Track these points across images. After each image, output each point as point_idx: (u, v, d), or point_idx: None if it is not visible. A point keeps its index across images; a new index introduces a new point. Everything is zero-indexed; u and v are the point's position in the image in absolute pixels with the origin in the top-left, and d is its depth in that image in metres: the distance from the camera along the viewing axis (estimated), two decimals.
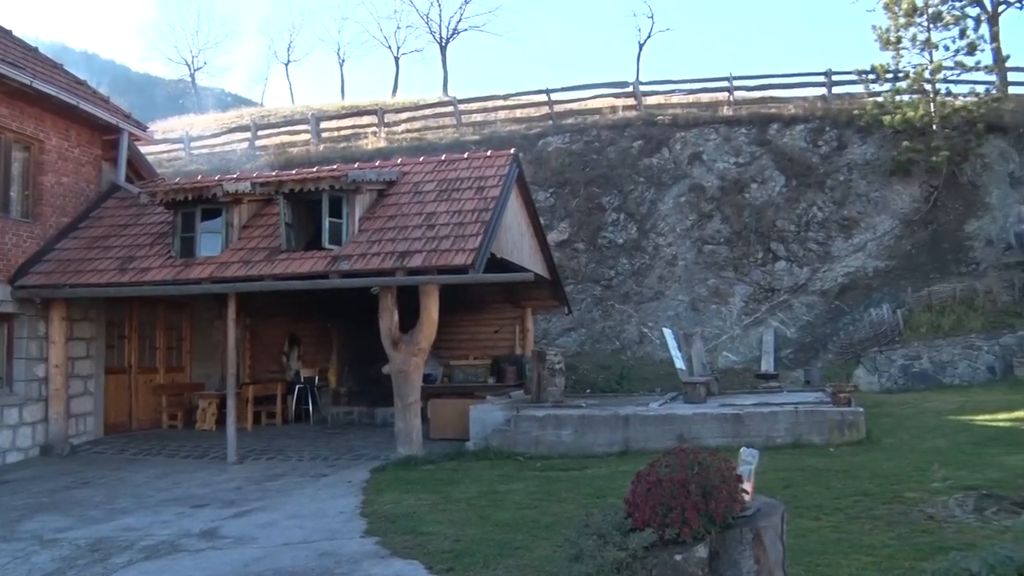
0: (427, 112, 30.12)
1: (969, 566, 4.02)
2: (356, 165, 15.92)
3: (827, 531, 6.84)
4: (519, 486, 9.60)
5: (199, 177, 16.69)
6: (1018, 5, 26.12)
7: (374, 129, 28.51)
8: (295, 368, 18.37)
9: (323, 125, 30.06)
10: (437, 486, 9.84)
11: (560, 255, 21.81)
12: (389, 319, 12.25)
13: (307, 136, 29.48)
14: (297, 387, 17.76)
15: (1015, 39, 61.02)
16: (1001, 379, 17.68)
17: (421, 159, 16.22)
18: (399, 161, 16.26)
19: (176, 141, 30.83)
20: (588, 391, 18.16)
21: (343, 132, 29.79)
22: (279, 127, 31.36)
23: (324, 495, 9.65)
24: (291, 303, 17.16)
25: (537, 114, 27.66)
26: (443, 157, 15.90)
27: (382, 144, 26.92)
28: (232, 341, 12.97)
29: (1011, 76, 24.97)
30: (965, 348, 18.44)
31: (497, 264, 13.86)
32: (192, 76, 55.49)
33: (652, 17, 64.68)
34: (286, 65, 56.56)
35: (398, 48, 51.37)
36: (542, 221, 18.01)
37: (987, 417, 12.98)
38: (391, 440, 12.68)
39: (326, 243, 12.81)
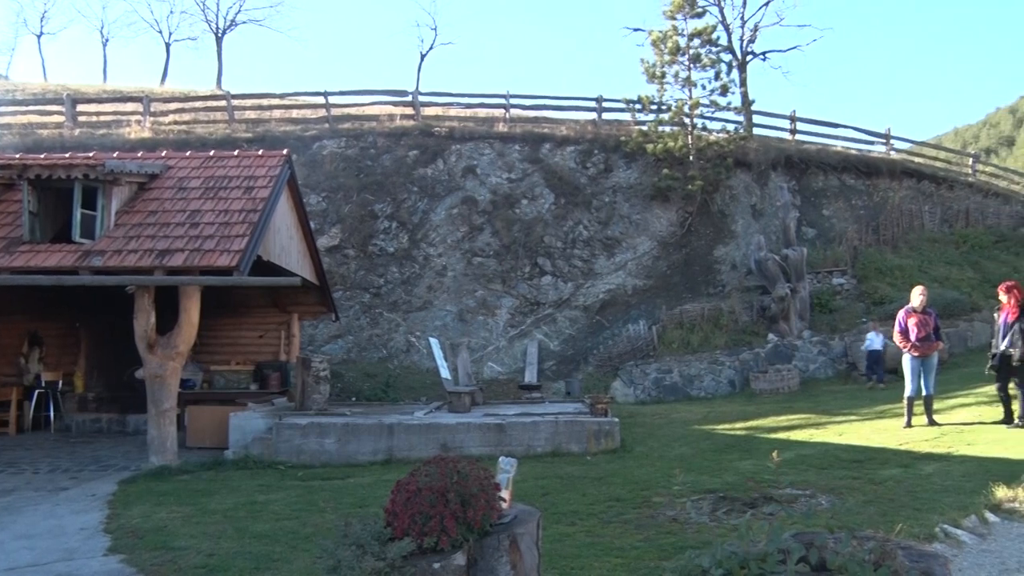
0: (198, 104, 28.64)
1: (701, 563, 4.30)
2: (116, 154, 14.88)
3: (582, 536, 7.10)
4: (279, 496, 9.33)
5: None
6: (762, 57, 28.95)
7: (138, 117, 26.70)
8: (35, 371, 16.82)
9: (80, 108, 27.76)
10: (192, 497, 9.36)
11: (330, 261, 21.48)
12: (145, 320, 11.54)
13: (61, 118, 27.06)
14: (37, 392, 16.29)
15: (760, 86, 66.92)
16: (740, 392, 19.20)
17: (188, 153, 15.43)
18: (164, 154, 15.42)
19: None
20: (354, 399, 17.97)
21: (103, 118, 27.66)
22: (27, 105, 28.69)
23: (63, 511, 8.86)
24: (33, 300, 15.78)
25: (313, 116, 27.08)
26: (212, 153, 15.23)
27: (146, 134, 25.33)
28: None
29: (756, 119, 27.42)
30: (711, 363, 19.88)
31: (264, 267, 13.44)
32: None
33: (435, 29, 65.49)
34: (38, 37, 51.92)
35: (170, 34, 48.90)
36: (313, 225, 17.67)
37: (727, 426, 14.02)
38: (143, 449, 11.96)
39: (77, 236, 11.90)
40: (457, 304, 22.05)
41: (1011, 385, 11.53)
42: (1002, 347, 11.51)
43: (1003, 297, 11.68)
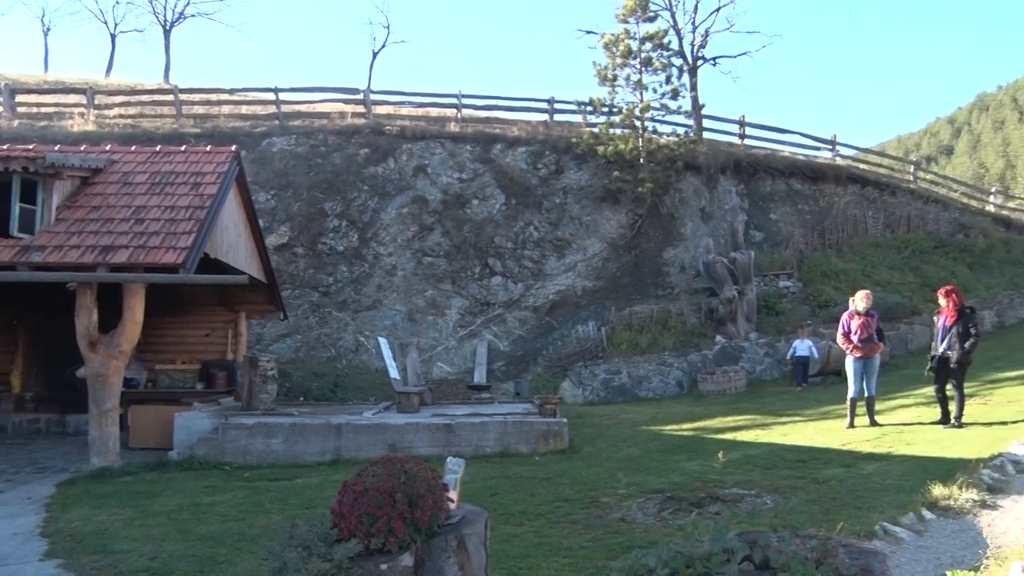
0: (144, 98, 28.11)
1: (647, 562, 4.33)
2: (57, 147, 14.52)
3: (530, 536, 7.11)
4: (225, 497, 9.20)
5: None
6: (713, 62, 29.29)
7: (82, 110, 26.09)
8: None
9: (20, 99, 27.01)
10: (134, 499, 9.18)
11: (278, 259, 21.24)
12: (87, 318, 11.30)
13: None
14: None
15: (710, 91, 67.98)
16: (688, 393, 19.39)
17: (134, 148, 15.14)
18: (108, 148, 15.09)
19: None
20: (302, 399, 17.79)
21: (44, 109, 26.98)
22: None
23: None
24: None
25: (263, 112, 26.76)
26: (158, 148, 14.96)
27: (90, 127, 24.76)
28: None
29: (705, 123, 27.75)
30: (659, 364, 20.05)
31: (211, 264, 13.24)
32: None
33: (388, 27, 65.04)
34: None
35: (116, 25, 47.56)
36: (261, 223, 17.46)
37: (674, 427, 14.14)
38: (84, 450, 11.70)
39: (15, 231, 11.60)
40: (407, 304, 21.96)
41: (948, 386, 11.84)
42: (940, 349, 11.84)
43: (942, 301, 12.00)
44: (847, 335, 12.47)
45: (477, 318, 22.01)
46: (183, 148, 15.00)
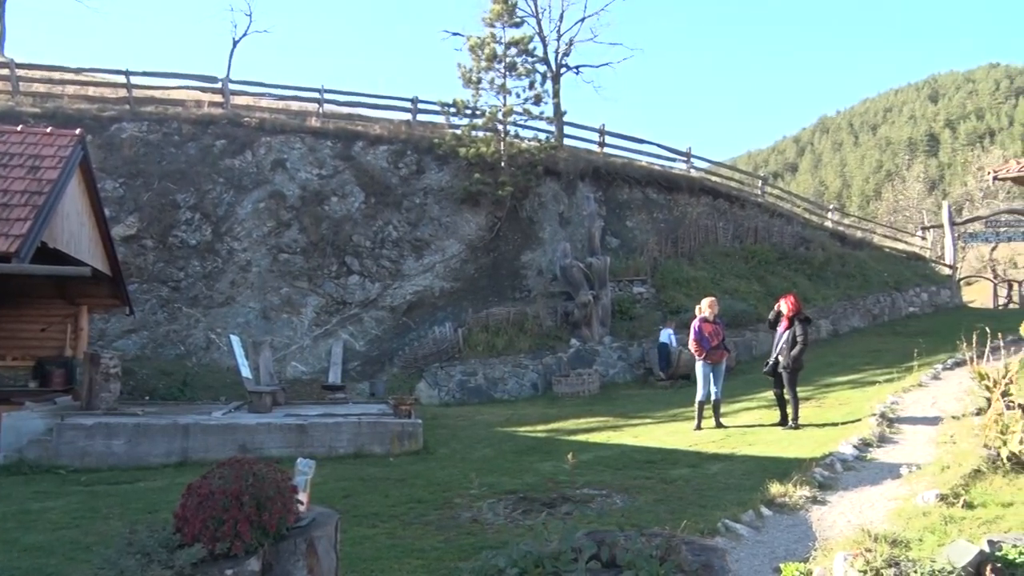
0: None
1: (497, 563, 4.37)
2: None
3: (383, 538, 7.06)
4: (58, 503, 8.70)
5: None
6: (576, 71, 29.94)
7: None
8: None
9: None
10: None
11: (126, 251, 20.24)
12: None
13: None
14: None
15: (572, 99, 69.35)
16: (542, 394, 19.67)
17: None
18: None
19: None
20: (147, 398, 17.05)
21: None
22: None
23: None
24: None
25: (113, 96, 25.43)
26: None
27: None
28: None
29: (567, 130, 28.30)
30: (515, 366, 20.26)
31: (50, 254, 12.51)
32: None
33: (250, 15, 62.82)
34: None
35: None
36: (108, 213, 16.61)
37: (528, 428, 14.32)
38: None
39: None
40: (261, 301, 21.37)
41: (785, 390, 12.52)
42: (774, 355, 12.60)
43: (783, 308, 12.69)
44: (699, 341, 12.98)
45: (333, 317, 21.66)
46: (19, 128, 14.07)
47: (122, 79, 25.36)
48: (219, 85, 26.19)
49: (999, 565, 4.98)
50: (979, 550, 5.08)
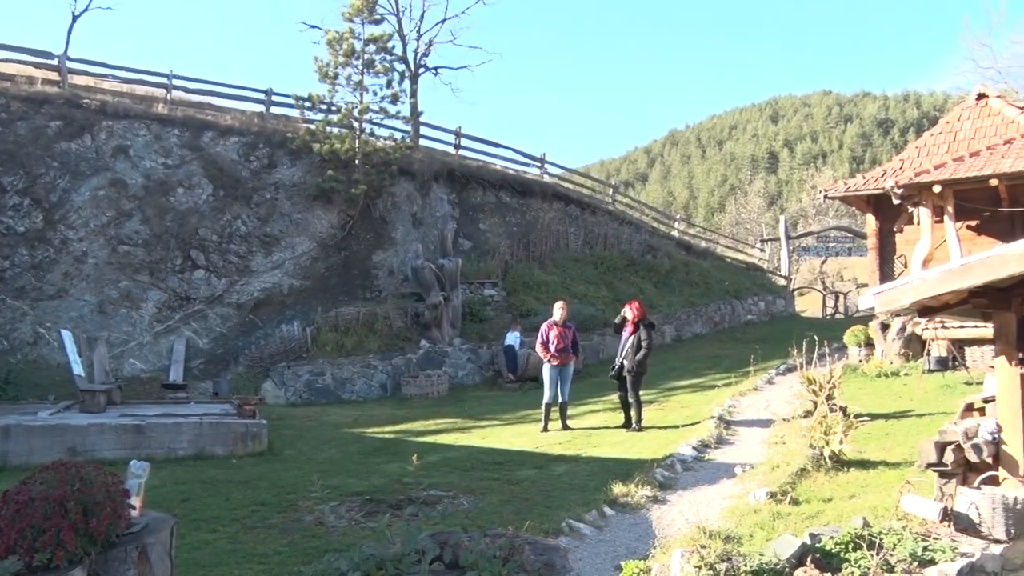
0: None
1: (339, 566, 4.35)
2: None
3: (223, 542, 6.86)
4: None
5: None
6: (434, 72, 30.18)
7: None
8: None
9: None
10: None
11: None
12: None
13: None
14: None
15: (430, 100, 69.29)
16: (391, 395, 19.55)
17: None
18: None
19: None
20: None
21: None
22: None
23: None
24: None
25: None
26: None
27: None
28: None
29: (423, 130, 28.32)
30: (363, 367, 20.05)
31: None
32: None
33: None
34: None
35: None
36: None
37: (376, 429, 14.23)
38: None
39: None
40: (97, 295, 20.29)
41: (630, 393, 12.93)
42: (619, 359, 13.02)
43: (628, 314, 13.11)
44: (545, 344, 13.22)
45: (176, 313, 20.82)
46: None
47: None
48: (56, 62, 24.47)
49: (818, 556, 5.34)
50: (801, 543, 5.41)
